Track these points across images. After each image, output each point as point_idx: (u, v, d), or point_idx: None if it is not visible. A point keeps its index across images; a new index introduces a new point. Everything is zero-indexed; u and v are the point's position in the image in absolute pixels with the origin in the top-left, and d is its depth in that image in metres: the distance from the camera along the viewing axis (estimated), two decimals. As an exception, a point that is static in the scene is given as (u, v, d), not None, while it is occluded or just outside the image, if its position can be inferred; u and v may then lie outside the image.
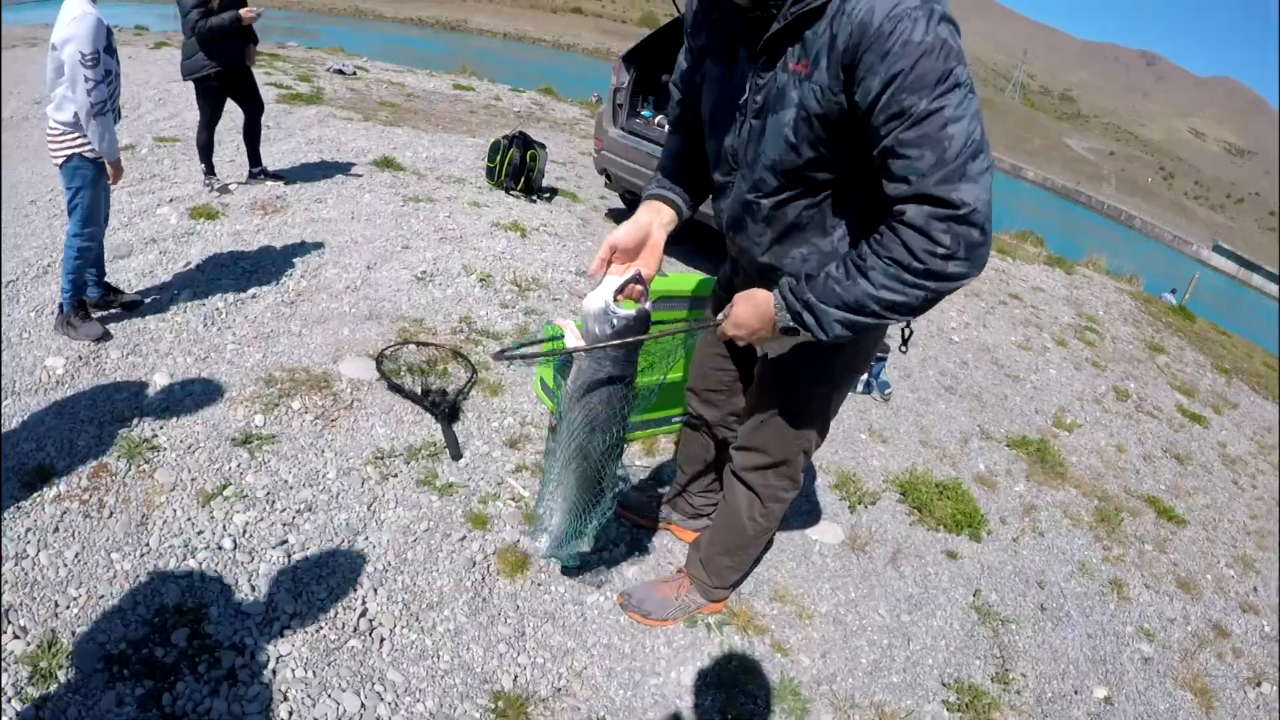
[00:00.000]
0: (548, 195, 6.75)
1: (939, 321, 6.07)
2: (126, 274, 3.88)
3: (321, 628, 2.10)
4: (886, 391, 4.33)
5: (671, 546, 2.68)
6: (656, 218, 1.73)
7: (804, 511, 3.07)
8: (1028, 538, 3.36)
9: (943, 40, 1.32)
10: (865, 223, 1.57)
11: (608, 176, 6.09)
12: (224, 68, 5.16)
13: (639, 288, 1.53)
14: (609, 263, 1.65)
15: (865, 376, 4.24)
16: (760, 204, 1.65)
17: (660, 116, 5.93)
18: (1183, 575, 3.48)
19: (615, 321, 1.54)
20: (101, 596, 2.07)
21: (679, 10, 6.16)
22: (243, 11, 5.05)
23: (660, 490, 2.80)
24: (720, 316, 1.69)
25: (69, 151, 3.09)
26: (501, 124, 10.31)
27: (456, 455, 2.89)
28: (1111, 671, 2.71)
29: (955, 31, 1.36)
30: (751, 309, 1.62)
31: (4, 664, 1.84)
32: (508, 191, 6.51)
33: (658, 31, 6.11)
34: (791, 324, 1.54)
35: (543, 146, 6.61)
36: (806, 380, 1.90)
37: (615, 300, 1.54)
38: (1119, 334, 7.60)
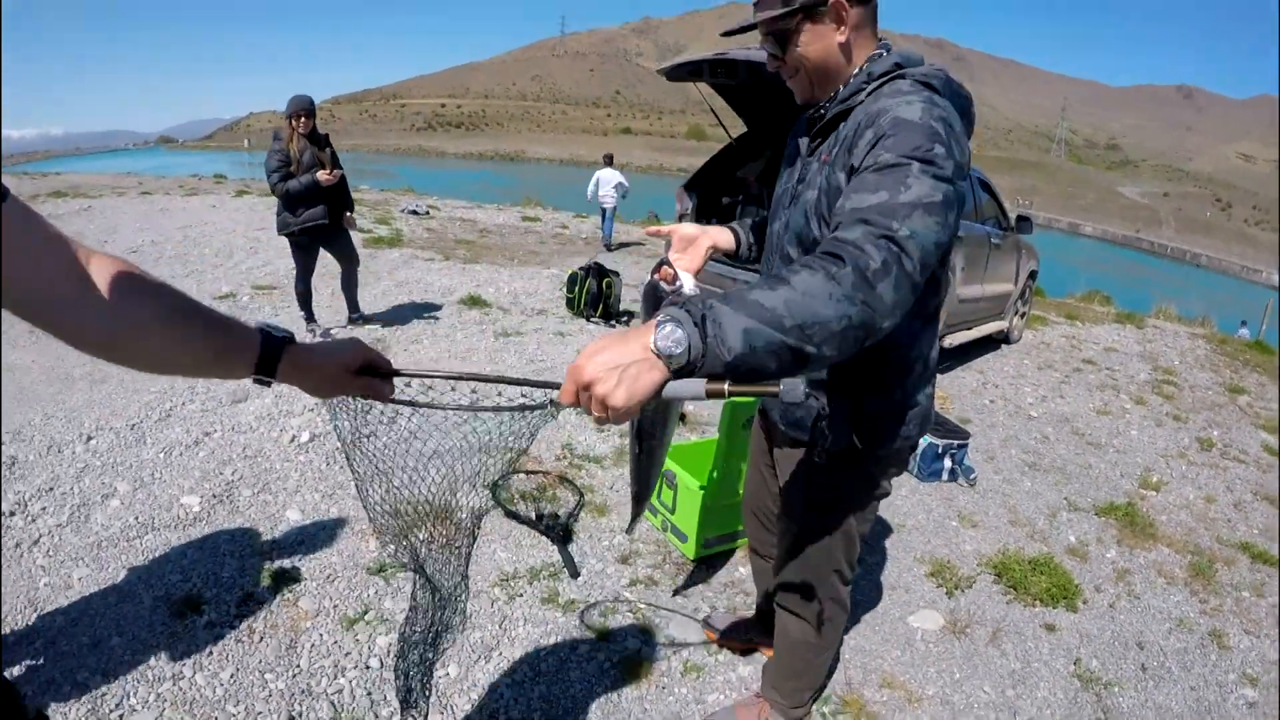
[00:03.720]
0: (625, 319, 7.18)
1: (1015, 400, 6.22)
2: (246, 416, 4.26)
3: (470, 736, 2.28)
4: (971, 477, 4.47)
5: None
6: (718, 233, 1.92)
7: (903, 602, 3.24)
8: (1123, 602, 3.44)
9: (932, 127, 1.42)
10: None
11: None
12: (311, 225, 5.60)
13: (670, 270, 1.68)
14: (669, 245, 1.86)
15: (949, 464, 4.41)
16: None
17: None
18: (1283, 616, 3.48)
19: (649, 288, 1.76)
20: (259, 713, 2.25)
21: (727, 132, 6.66)
22: (319, 175, 5.47)
23: (746, 614, 2.91)
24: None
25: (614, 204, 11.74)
26: (572, 251, 10.88)
27: (575, 574, 3.13)
28: (1217, 720, 2.78)
29: (951, 132, 1.44)
30: (604, 344, 1.08)
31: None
32: (588, 319, 6.97)
33: (713, 159, 6.58)
34: (672, 345, 1.05)
35: (617, 275, 7.09)
36: (819, 507, 1.98)
37: (650, 277, 1.74)
38: (1197, 382, 7.59)
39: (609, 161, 12.57)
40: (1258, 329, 15.39)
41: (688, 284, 1.67)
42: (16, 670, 2.33)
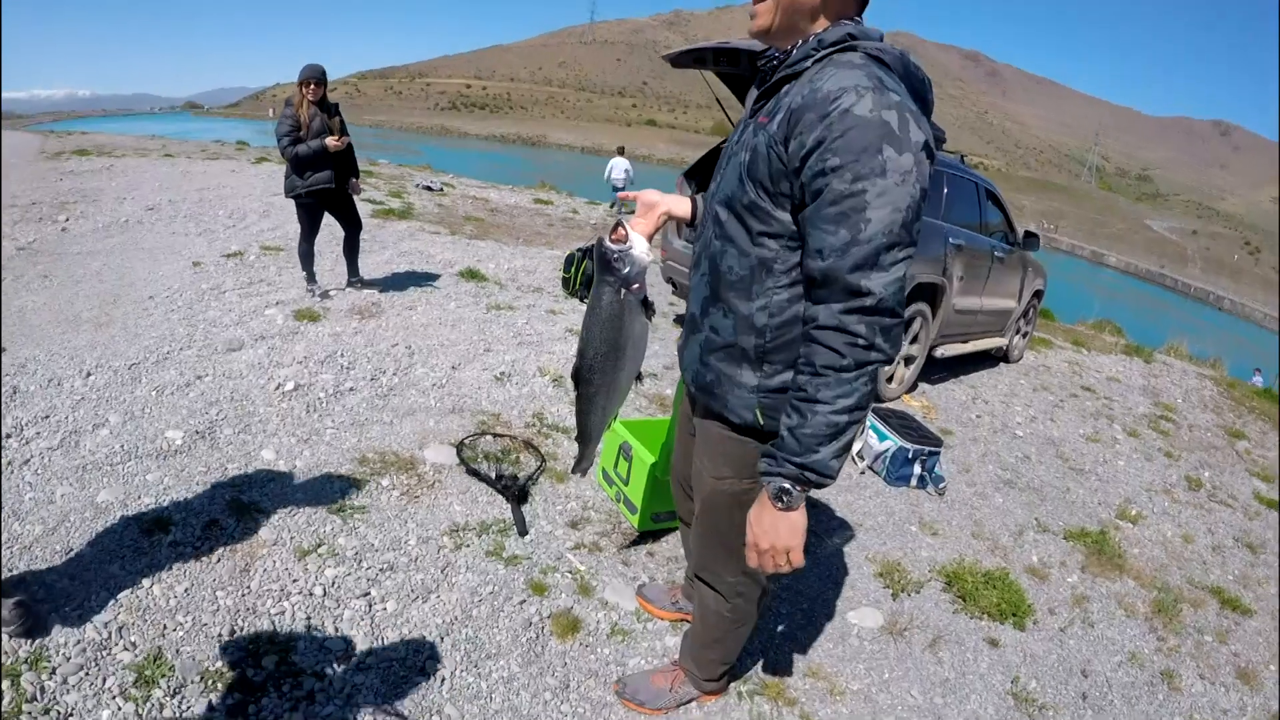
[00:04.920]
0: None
1: (1004, 417, 6.14)
2: (238, 364, 4.42)
3: (392, 665, 2.39)
4: (940, 485, 4.41)
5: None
6: (675, 202, 2.00)
7: (846, 597, 3.20)
8: (1076, 628, 3.38)
9: (882, 120, 1.43)
10: (785, 312, 1.70)
11: (673, 284, 6.53)
12: (317, 188, 5.78)
13: (623, 232, 1.73)
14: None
15: (919, 470, 4.35)
16: (713, 243, 1.79)
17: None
18: (1243, 665, 3.41)
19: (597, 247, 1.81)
20: (205, 625, 2.41)
21: (731, 121, 6.62)
22: (328, 141, 5.65)
23: (680, 588, 2.90)
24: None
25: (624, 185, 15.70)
26: (579, 236, 10.91)
27: (523, 532, 3.19)
28: (1156, 760, 2.72)
29: (905, 113, 1.47)
30: (759, 519, 1.67)
31: (110, 670, 2.19)
32: (581, 300, 6.94)
33: (715, 149, 6.55)
34: (791, 489, 1.59)
35: (615, 258, 7.07)
36: (726, 479, 1.97)
37: (608, 239, 1.78)
38: (1197, 421, 7.46)
39: (620, 152, 17.21)
40: (1271, 378, 15.18)
41: (639, 246, 1.74)
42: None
